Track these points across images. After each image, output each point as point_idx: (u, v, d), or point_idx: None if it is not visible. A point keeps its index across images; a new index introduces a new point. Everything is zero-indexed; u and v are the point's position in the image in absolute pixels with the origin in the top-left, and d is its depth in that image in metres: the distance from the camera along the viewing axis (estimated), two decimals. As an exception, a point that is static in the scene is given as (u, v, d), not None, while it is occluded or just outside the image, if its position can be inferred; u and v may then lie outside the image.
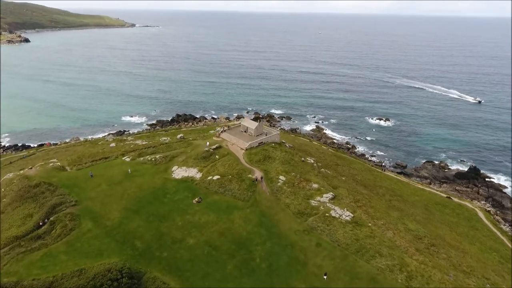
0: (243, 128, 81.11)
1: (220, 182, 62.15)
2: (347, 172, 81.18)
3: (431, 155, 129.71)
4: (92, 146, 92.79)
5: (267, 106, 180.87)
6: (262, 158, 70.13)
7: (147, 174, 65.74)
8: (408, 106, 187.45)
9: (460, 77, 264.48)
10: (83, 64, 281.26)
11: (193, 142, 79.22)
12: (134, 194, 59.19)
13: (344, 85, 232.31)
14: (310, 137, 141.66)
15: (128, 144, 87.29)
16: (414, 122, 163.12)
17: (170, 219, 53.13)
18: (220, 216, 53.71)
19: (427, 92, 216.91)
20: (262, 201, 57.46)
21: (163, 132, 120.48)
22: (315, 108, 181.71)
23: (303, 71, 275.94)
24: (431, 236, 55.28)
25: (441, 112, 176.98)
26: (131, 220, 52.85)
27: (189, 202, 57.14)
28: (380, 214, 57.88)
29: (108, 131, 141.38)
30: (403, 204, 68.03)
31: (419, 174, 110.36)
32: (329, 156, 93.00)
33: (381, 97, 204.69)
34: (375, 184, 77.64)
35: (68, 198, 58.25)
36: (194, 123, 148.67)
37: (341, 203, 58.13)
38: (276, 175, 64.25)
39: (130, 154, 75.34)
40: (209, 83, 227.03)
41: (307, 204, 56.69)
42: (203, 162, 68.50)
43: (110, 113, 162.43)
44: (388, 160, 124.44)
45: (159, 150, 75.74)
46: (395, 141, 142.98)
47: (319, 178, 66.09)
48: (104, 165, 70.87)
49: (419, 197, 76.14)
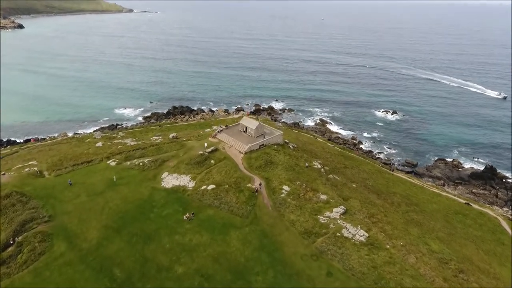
0: (242, 127, 72.78)
1: (215, 193, 54.57)
2: (357, 176, 73.58)
3: (443, 152, 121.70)
4: (77, 145, 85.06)
5: (268, 98, 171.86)
6: (263, 163, 62.32)
7: (133, 182, 58.15)
8: (417, 98, 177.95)
9: (482, 69, 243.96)
10: (77, 53, 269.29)
11: (187, 143, 71.21)
12: (116, 208, 51.74)
13: (348, 75, 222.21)
14: (314, 132, 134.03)
15: (115, 144, 79.49)
16: (423, 115, 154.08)
17: (157, 240, 45.77)
18: (214, 237, 46.32)
19: (441, 84, 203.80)
20: (263, 218, 49.98)
21: (156, 127, 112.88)
22: (318, 100, 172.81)
23: (305, 60, 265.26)
24: (458, 258, 48.01)
25: (454, 106, 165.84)
26: (111, 241, 45.52)
27: (179, 218, 49.67)
28: (398, 232, 50.49)
29: (100, 125, 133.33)
30: (421, 216, 60.62)
31: (431, 173, 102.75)
32: (336, 156, 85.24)
33: (388, 88, 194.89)
34: (388, 190, 70.13)
35: (41, 213, 50.87)
36: (191, 116, 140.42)
37: (354, 219, 50.66)
38: (279, 185, 56.58)
39: (116, 157, 67.60)
40: (207, 73, 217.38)
41: (315, 221, 49.20)
42: (196, 168, 60.78)
43: (103, 106, 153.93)
44: (397, 158, 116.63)
45: (148, 152, 67.90)
46: (404, 136, 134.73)
47: (327, 188, 58.47)
48: (86, 170, 63.21)
49: (437, 205, 68.71)
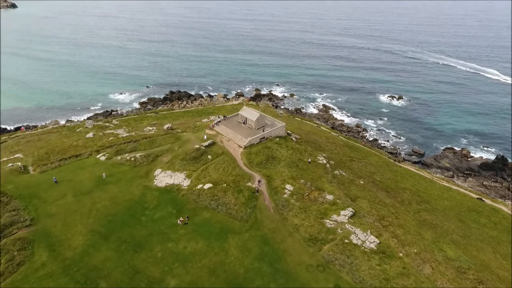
0: (241, 118, 67.62)
1: (212, 193, 50.23)
2: (364, 170, 69.15)
3: (451, 140, 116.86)
4: (67, 135, 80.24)
5: (269, 82, 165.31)
6: (264, 159, 57.69)
7: (123, 180, 53.75)
8: (424, 82, 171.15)
9: (492, 52, 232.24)
10: (70, 36, 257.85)
11: (182, 135, 66.32)
12: (105, 210, 47.54)
13: (352, 58, 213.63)
14: (317, 119, 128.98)
15: (107, 135, 74.69)
16: (430, 101, 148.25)
17: (148, 248, 41.75)
18: (211, 244, 42.27)
19: (449, 67, 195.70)
20: (264, 222, 45.81)
21: (152, 115, 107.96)
22: (321, 85, 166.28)
23: (308, 42, 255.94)
24: (476, 266, 44.15)
25: (463, 91, 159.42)
26: (98, 249, 41.53)
27: (172, 222, 45.53)
28: (411, 236, 46.45)
29: (94, 111, 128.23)
30: (434, 215, 56.54)
31: (440, 164, 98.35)
32: (341, 147, 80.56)
33: (393, 72, 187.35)
34: (397, 186, 65.84)
35: (23, 216, 46.73)
36: (189, 102, 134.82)
37: (363, 223, 46.53)
38: (282, 184, 52.15)
39: (107, 150, 62.96)
40: (206, 56, 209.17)
41: (321, 226, 45.05)
42: (192, 165, 56.21)
43: (97, 91, 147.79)
44: (404, 147, 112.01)
45: (140, 146, 63.17)
46: (410, 123, 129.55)
47: (333, 186, 54.09)
48: (74, 166, 58.72)
49: (448, 202, 64.56)
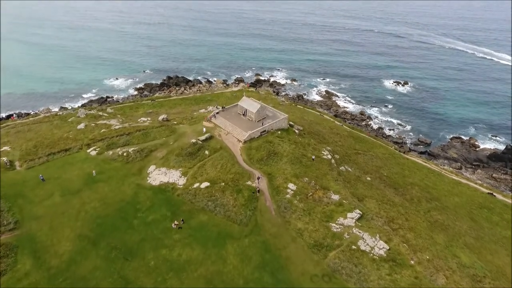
0: (241, 109, 63.46)
1: (209, 192, 46.86)
2: (370, 164, 65.64)
3: (458, 128, 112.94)
4: (58, 126, 76.31)
5: (270, 67, 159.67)
6: (265, 154, 54.01)
7: (115, 178, 50.29)
8: (430, 67, 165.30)
9: (502, 36, 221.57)
10: (63, 19, 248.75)
11: (178, 128, 62.38)
12: (94, 212, 44.31)
13: (355, 41, 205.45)
14: (320, 106, 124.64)
15: (99, 126, 70.79)
16: (436, 87, 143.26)
17: (140, 255, 38.73)
18: (207, 251, 39.22)
19: (457, 51, 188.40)
20: (265, 226, 42.61)
21: (148, 102, 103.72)
22: (323, 69, 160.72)
23: (310, 24, 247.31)
24: (492, 273, 41.29)
25: (471, 77, 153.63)
26: (86, 256, 38.52)
27: (167, 226, 42.35)
28: (422, 241, 43.39)
29: (89, 98, 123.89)
30: (445, 214, 53.42)
31: (447, 154, 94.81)
32: (345, 138, 76.80)
33: (398, 56, 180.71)
34: (405, 181, 62.49)
35: (6, 218, 43.56)
36: (187, 88, 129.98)
37: (372, 226, 43.35)
38: (284, 182, 48.69)
39: (98, 144, 59.24)
40: (205, 40, 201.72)
41: (326, 230, 41.89)
42: (188, 161, 52.62)
43: (92, 76, 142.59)
44: (410, 135, 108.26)
45: (133, 140, 59.36)
46: (416, 110, 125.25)
47: (339, 185, 50.68)
48: (63, 161, 55.16)
49: (459, 198, 61.38)
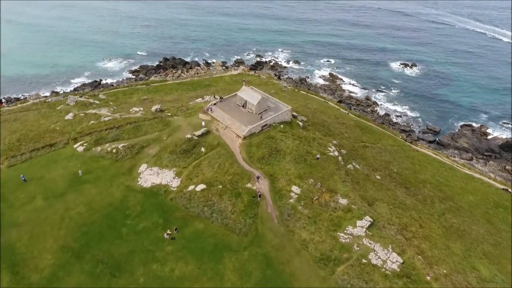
0: (240, 100, 58.29)
1: (205, 196, 42.79)
2: (379, 159, 61.37)
3: (469, 115, 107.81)
4: (46, 115, 71.44)
5: (271, 48, 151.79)
6: (267, 152, 49.55)
7: (103, 179, 46.09)
8: (439, 48, 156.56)
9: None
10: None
11: (172, 121, 57.51)
12: (79, 219, 40.41)
13: (361, 20, 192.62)
14: (324, 90, 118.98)
15: (88, 116, 66.00)
16: (446, 70, 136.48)
17: (128, 270, 35.13)
18: (203, 266, 35.56)
19: (468, 31, 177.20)
20: (267, 236, 38.78)
21: (143, 87, 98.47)
22: (327, 50, 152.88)
23: (312, 3, 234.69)
24: (513, 287, 37.94)
25: (482, 59, 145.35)
26: (69, 271, 34.93)
27: (158, 236, 38.54)
28: (438, 251, 39.71)
29: (81, 82, 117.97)
30: (459, 216, 49.68)
31: (457, 144, 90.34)
32: (352, 129, 72.17)
33: (406, 36, 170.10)
34: (416, 178, 58.42)
35: (-17, 225, 39.85)
36: (184, 71, 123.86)
37: (383, 236, 39.57)
38: (287, 185, 44.51)
39: (85, 139, 54.70)
40: (203, 19, 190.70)
41: (333, 242, 38.11)
42: (182, 159, 48.25)
43: (84, 58, 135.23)
44: (417, 123, 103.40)
45: (124, 134, 54.70)
46: (424, 95, 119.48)
47: (347, 186, 46.55)
48: (47, 158, 50.81)
49: (473, 196, 57.52)
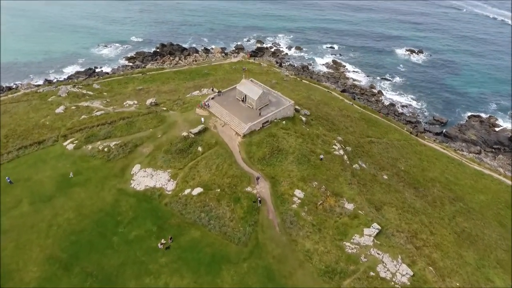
0: (240, 95, 54.73)
1: (202, 201, 40.07)
2: (386, 156, 58.44)
3: (477, 105, 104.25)
4: (36, 107, 68.22)
5: (272, 33, 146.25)
6: (268, 152, 46.48)
7: (93, 181, 43.24)
8: (447, 34, 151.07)
9: None
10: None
11: (167, 116, 54.11)
12: (68, 226, 37.85)
13: (366, 5, 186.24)
14: (327, 78, 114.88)
15: (80, 110, 62.73)
16: (454, 57, 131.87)
17: (119, 284, 32.75)
18: (199, 279, 33.18)
19: (478, 16, 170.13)
20: (268, 246, 36.24)
21: (139, 76, 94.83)
22: (330, 35, 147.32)
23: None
24: (530, 300, 35.76)
25: (493, 46, 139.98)
26: (56, 285, 32.59)
27: (151, 246, 35.99)
28: (450, 261, 37.31)
29: (75, 69, 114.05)
30: (471, 219, 47.22)
31: (465, 136, 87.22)
32: (357, 122, 68.93)
33: (411, 21, 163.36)
34: (424, 177, 55.66)
35: (-35, 233, 37.37)
36: (182, 58, 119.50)
37: (392, 245, 37.05)
38: (290, 188, 41.68)
39: (76, 135, 51.58)
40: (202, 3, 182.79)
41: (339, 252, 35.61)
42: (178, 160, 45.26)
43: (79, 44, 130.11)
44: (424, 112, 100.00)
45: (116, 131, 51.50)
46: (431, 83, 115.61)
47: (353, 189, 43.74)
48: (35, 157, 47.85)
49: (484, 196, 54.96)
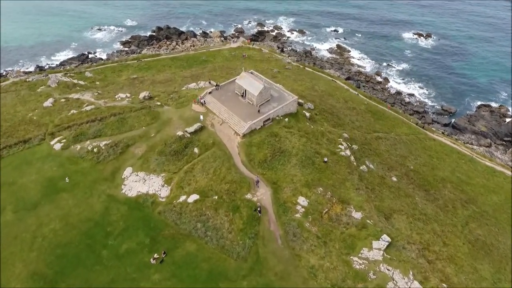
0: (239, 89, 50.74)
1: (199, 209, 37.13)
2: (394, 154, 55.19)
3: (487, 94, 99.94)
4: (25, 98, 64.25)
5: (273, 15, 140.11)
6: (269, 153, 43.11)
7: (81, 186, 40.18)
8: (456, 17, 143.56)
9: None
10: None
11: (161, 112, 50.33)
12: (54, 238, 35.10)
13: None
14: (331, 64, 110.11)
15: (70, 103, 58.90)
16: (463, 41, 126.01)
17: (109, 305, 30.47)
18: (195, 300, 30.84)
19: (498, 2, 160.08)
20: (269, 261, 33.52)
21: (134, 63, 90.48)
22: (334, 18, 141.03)
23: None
24: (549, 318, 33.42)
25: (503, 31, 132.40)
26: (41, 306, 30.33)
27: (144, 261, 33.32)
28: (465, 276, 34.75)
29: (68, 55, 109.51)
30: (484, 225, 44.47)
31: (475, 128, 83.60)
32: (363, 115, 65.33)
33: (422, 4, 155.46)
34: (435, 177, 52.57)
35: None
36: (179, 43, 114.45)
37: (403, 259, 34.35)
38: (293, 195, 38.60)
39: (64, 133, 48.17)
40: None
41: (347, 268, 32.93)
42: (173, 162, 42.00)
43: (72, 27, 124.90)
44: (431, 101, 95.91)
45: (107, 129, 47.88)
46: (439, 70, 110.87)
47: (361, 195, 40.67)
48: (20, 158, 44.58)
49: (496, 196, 52.06)
